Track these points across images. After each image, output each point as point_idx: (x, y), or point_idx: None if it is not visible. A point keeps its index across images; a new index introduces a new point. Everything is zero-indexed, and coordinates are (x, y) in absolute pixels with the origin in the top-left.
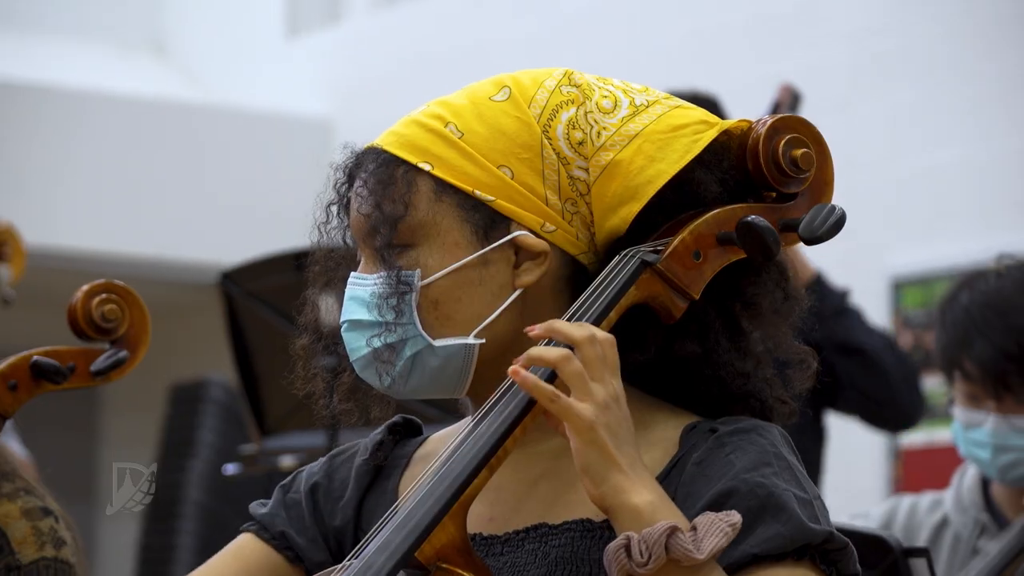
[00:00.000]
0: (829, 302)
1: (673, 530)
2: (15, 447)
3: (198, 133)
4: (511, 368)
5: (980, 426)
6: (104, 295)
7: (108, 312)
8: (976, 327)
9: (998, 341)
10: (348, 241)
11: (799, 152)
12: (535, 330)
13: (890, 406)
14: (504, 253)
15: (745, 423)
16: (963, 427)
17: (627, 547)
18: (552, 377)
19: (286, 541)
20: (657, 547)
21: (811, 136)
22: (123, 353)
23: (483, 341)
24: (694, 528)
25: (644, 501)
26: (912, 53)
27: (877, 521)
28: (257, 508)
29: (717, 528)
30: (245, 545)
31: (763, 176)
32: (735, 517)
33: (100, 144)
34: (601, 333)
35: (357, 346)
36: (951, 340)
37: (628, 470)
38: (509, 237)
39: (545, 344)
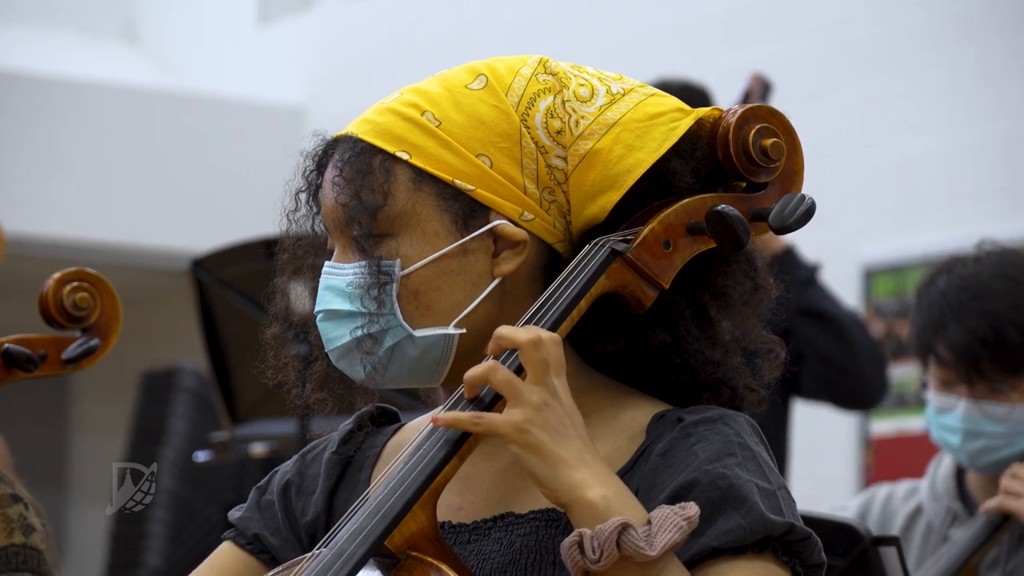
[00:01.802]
0: (799, 273)
1: (624, 527)
2: None
3: (170, 120)
4: (431, 417)
5: (951, 411)
6: (75, 283)
7: (79, 300)
8: (951, 310)
9: (972, 325)
10: (317, 229)
11: (769, 141)
12: (488, 348)
13: (853, 377)
14: (483, 242)
15: (712, 412)
16: (935, 412)
17: (580, 544)
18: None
19: (261, 544)
20: (608, 544)
21: (781, 125)
22: (94, 341)
23: (463, 331)
24: (649, 523)
25: (598, 496)
26: (884, 42)
27: (854, 511)
28: (235, 513)
29: (671, 523)
30: (223, 555)
31: (733, 165)
32: (691, 510)
33: (71, 131)
34: (546, 333)
35: (336, 335)
36: (926, 323)
37: (577, 464)
38: (489, 226)
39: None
